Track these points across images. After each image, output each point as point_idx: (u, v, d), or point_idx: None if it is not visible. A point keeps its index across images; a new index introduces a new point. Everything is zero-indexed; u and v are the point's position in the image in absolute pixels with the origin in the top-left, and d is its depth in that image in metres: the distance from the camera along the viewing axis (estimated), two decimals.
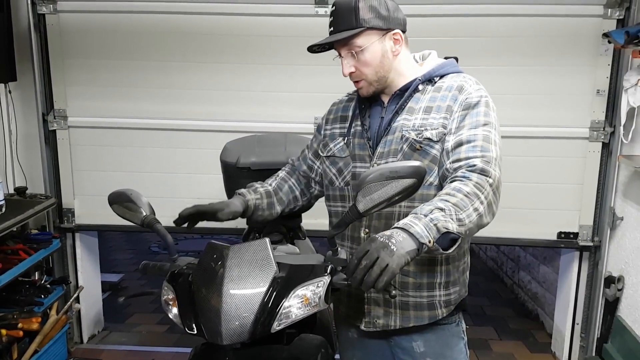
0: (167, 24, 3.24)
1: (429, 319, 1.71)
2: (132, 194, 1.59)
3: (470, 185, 1.44)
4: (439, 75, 1.67)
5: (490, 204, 1.47)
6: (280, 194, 1.87)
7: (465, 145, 1.53)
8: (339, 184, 1.76)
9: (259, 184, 1.87)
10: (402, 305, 1.70)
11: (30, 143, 3.43)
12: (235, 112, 3.31)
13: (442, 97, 1.62)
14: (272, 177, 1.93)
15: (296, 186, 1.92)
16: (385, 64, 1.62)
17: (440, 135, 1.58)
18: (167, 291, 1.47)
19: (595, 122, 3.16)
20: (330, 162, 1.78)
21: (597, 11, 3.04)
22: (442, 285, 1.70)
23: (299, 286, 1.36)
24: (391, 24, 1.61)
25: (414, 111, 1.63)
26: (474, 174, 1.47)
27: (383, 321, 1.72)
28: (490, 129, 1.57)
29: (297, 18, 3.14)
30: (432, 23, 3.10)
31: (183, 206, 1.64)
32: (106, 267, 4.51)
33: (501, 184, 1.52)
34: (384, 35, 1.60)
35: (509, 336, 3.92)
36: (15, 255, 2.95)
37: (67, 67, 3.35)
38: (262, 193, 1.81)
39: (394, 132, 1.64)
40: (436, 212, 1.36)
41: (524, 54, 3.12)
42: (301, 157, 1.94)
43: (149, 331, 3.94)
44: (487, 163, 1.49)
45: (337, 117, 1.81)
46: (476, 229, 1.46)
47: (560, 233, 3.31)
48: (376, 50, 1.60)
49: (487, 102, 1.61)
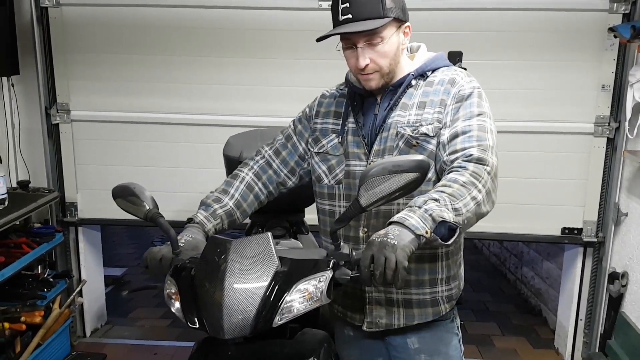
0: (171, 17, 3.23)
1: (432, 316, 1.71)
2: (135, 187, 1.58)
3: (467, 175, 1.43)
4: (431, 69, 1.65)
5: (489, 192, 1.45)
6: (244, 205, 1.75)
7: (461, 137, 1.52)
8: (329, 182, 1.73)
9: (217, 202, 1.71)
10: (406, 304, 1.69)
11: (33, 137, 3.43)
12: (238, 107, 3.30)
13: (435, 92, 1.61)
14: (237, 179, 1.78)
15: (263, 190, 1.80)
16: (398, 56, 1.60)
17: (436, 130, 1.57)
18: (170, 285, 1.47)
19: (600, 117, 3.14)
20: (321, 159, 1.74)
21: (602, 5, 3.01)
22: (443, 281, 1.70)
23: (301, 281, 1.35)
24: (406, 15, 1.60)
25: (407, 107, 1.61)
26: (471, 163, 1.46)
27: (386, 320, 1.71)
28: (485, 118, 1.56)
29: (301, 12, 3.13)
30: (438, 17, 3.08)
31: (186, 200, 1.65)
32: (109, 261, 4.51)
33: (498, 171, 1.51)
34: (399, 27, 1.58)
35: (512, 332, 3.91)
36: (18, 248, 2.95)
37: (69, 60, 3.34)
38: (222, 216, 1.69)
39: (388, 128, 1.62)
40: (430, 202, 1.35)
41: (528, 48, 3.10)
42: (288, 147, 1.81)
43: (152, 325, 3.95)
44: (484, 151, 1.48)
45: (329, 112, 1.76)
46: (475, 218, 1.44)
47: (564, 229, 3.30)
48: (394, 42, 1.56)
49: (480, 93, 1.60)
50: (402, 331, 1.73)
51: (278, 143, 1.84)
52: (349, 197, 1.68)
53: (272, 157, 1.82)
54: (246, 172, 1.80)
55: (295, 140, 1.82)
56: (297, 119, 1.85)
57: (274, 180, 1.82)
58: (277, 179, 1.82)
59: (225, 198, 1.73)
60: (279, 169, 1.82)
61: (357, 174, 1.65)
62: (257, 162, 1.83)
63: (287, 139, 1.83)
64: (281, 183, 1.83)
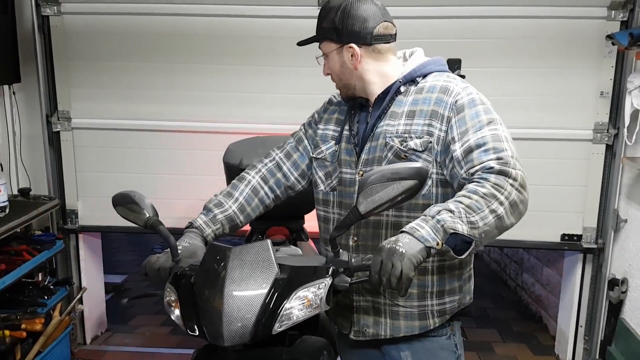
0: (171, 26, 3.25)
1: (419, 329, 1.67)
2: (135, 195, 1.59)
3: (488, 187, 1.38)
4: (421, 74, 1.62)
5: (514, 204, 1.40)
6: (248, 209, 1.75)
7: (476, 151, 1.45)
8: (324, 188, 1.73)
9: (218, 207, 1.72)
10: (393, 315, 1.66)
11: (34, 144, 3.44)
12: (238, 114, 3.31)
13: (425, 100, 1.57)
14: (242, 182, 1.78)
15: (269, 194, 1.80)
16: (345, 73, 1.63)
17: (425, 144, 1.54)
18: (170, 293, 1.48)
19: (598, 124, 3.15)
20: (318, 164, 1.75)
21: (600, 13, 3.02)
22: (434, 295, 1.65)
23: (300, 288, 1.36)
24: (346, 39, 1.58)
25: (397, 116, 1.59)
26: (492, 175, 1.40)
27: (373, 330, 1.69)
28: (496, 125, 1.50)
29: (300, 20, 3.14)
30: (437, 25, 3.09)
31: (186, 207, 1.66)
32: (109, 269, 4.51)
33: (525, 181, 1.44)
34: (340, 47, 1.60)
35: (513, 339, 3.91)
36: (19, 256, 2.96)
37: (71, 68, 3.35)
38: (222, 221, 1.70)
39: (377, 138, 1.60)
40: (444, 213, 1.33)
41: (527, 56, 3.11)
42: (299, 150, 1.81)
43: (152, 332, 3.94)
44: (505, 164, 1.41)
45: (331, 119, 1.76)
46: (496, 231, 1.39)
47: (564, 235, 3.30)
48: (335, 60, 1.63)
49: (481, 99, 1.55)
50: (395, 344, 1.70)
51: (289, 146, 1.84)
52: (341, 204, 1.68)
53: (282, 160, 1.82)
54: (253, 174, 1.80)
55: (306, 143, 1.81)
56: (308, 123, 1.85)
57: (282, 183, 1.81)
58: (286, 183, 1.82)
59: (228, 202, 1.74)
60: (289, 172, 1.81)
61: (349, 182, 1.65)
62: (265, 165, 1.82)
63: (298, 142, 1.83)
64: (290, 187, 1.83)
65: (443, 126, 1.53)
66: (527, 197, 1.45)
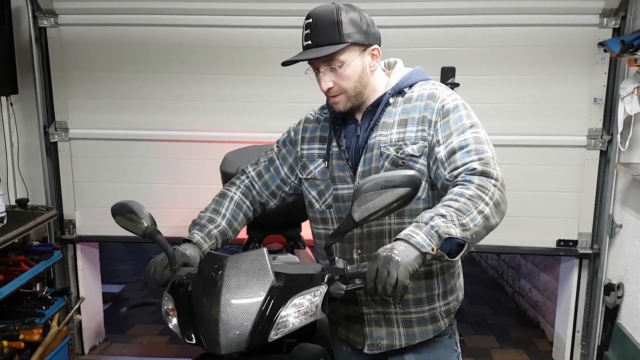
0: (167, 36, 3.27)
1: (433, 332, 1.70)
2: (133, 205, 1.60)
3: (473, 188, 1.42)
4: (408, 85, 1.64)
5: (497, 204, 1.43)
6: (235, 224, 1.78)
7: (459, 152, 1.50)
8: (320, 206, 1.73)
9: (211, 223, 1.73)
10: (406, 323, 1.69)
11: (32, 155, 3.45)
12: (234, 123, 3.33)
13: (414, 108, 1.60)
14: (225, 198, 1.80)
15: (251, 208, 1.84)
16: (363, 79, 1.58)
17: (422, 149, 1.57)
18: (167, 301, 1.49)
19: (592, 130, 3.18)
20: (310, 185, 1.75)
21: (593, 20, 3.06)
22: (440, 296, 1.70)
23: (296, 295, 1.37)
24: (370, 39, 1.57)
25: (388, 126, 1.61)
26: (475, 176, 1.44)
27: (387, 341, 1.71)
28: (478, 129, 1.55)
29: (293, 30, 3.14)
30: (429, 34, 3.12)
31: (184, 216, 1.66)
32: (107, 278, 4.51)
33: (505, 181, 1.49)
34: (364, 50, 1.57)
35: (510, 345, 3.91)
36: (17, 266, 2.96)
37: (68, 79, 3.37)
38: (216, 236, 1.73)
39: (371, 149, 1.62)
40: (437, 218, 1.35)
41: (521, 63, 3.14)
42: (270, 171, 1.83)
43: (150, 342, 3.94)
44: (486, 164, 1.47)
45: (314, 137, 1.76)
46: (484, 231, 1.42)
47: (560, 241, 3.32)
48: (357, 66, 1.56)
49: (465, 105, 1.60)
50: (399, 350, 1.71)
51: (261, 165, 1.86)
52: (341, 220, 1.68)
53: (254, 180, 1.85)
54: (234, 191, 1.83)
55: (277, 164, 1.83)
56: (282, 142, 1.85)
57: (257, 200, 1.85)
58: (260, 200, 1.85)
59: (217, 218, 1.75)
60: (261, 191, 1.84)
61: (346, 197, 1.66)
62: (242, 182, 1.85)
63: (269, 162, 1.85)
64: (263, 204, 1.86)
65: (431, 130, 1.57)
66: (506, 197, 1.49)
